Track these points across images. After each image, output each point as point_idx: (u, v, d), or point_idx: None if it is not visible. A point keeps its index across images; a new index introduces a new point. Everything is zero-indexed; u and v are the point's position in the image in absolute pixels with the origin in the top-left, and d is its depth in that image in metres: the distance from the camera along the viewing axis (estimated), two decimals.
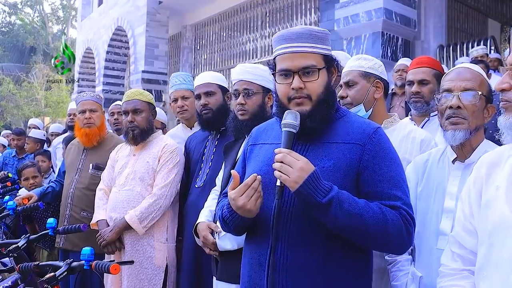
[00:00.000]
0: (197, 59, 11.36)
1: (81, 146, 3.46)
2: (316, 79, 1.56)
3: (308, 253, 1.50)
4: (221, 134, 2.81)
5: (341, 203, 1.42)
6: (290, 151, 1.47)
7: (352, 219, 1.42)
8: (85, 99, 3.43)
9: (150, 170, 2.86)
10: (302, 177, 1.41)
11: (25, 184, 4.04)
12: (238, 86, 2.39)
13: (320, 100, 1.57)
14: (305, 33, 1.57)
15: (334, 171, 1.52)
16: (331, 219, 1.43)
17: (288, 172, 1.42)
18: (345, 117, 1.65)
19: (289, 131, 1.52)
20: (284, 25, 8.80)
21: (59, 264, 2.07)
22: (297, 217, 1.52)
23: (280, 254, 1.52)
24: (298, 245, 1.51)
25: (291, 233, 1.52)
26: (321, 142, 1.58)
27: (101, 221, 2.89)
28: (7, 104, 21.15)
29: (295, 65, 1.56)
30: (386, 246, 1.54)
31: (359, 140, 1.55)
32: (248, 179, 1.51)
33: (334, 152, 1.54)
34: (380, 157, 1.54)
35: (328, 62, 1.61)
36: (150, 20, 10.13)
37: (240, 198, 1.50)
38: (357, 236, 1.47)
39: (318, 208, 1.43)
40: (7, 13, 29.28)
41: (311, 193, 1.42)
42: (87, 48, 13.94)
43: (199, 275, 2.68)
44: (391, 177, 1.53)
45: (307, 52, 1.56)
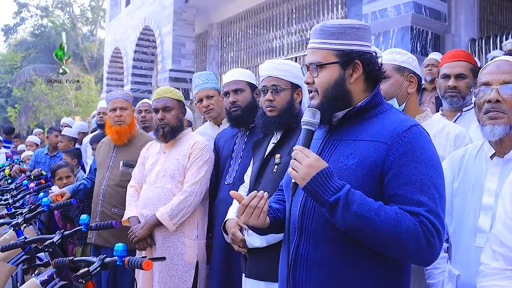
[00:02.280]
0: (224, 57, 11.39)
1: (112, 143, 3.51)
2: (317, 76, 1.57)
3: (328, 249, 1.49)
4: (250, 131, 2.80)
5: (349, 204, 1.39)
6: (303, 148, 1.48)
7: (360, 221, 1.38)
8: (116, 97, 3.47)
9: (180, 167, 2.88)
10: (310, 174, 1.42)
11: (59, 184, 4.13)
12: (266, 83, 2.38)
13: (327, 96, 1.56)
14: (318, 29, 1.59)
15: (356, 170, 1.48)
16: (338, 218, 1.41)
17: (297, 168, 1.44)
18: (385, 113, 1.59)
19: (307, 128, 1.54)
20: (310, 21, 8.73)
21: (92, 260, 2.10)
22: (320, 214, 1.51)
23: (302, 250, 1.53)
24: (319, 241, 1.51)
25: (312, 229, 1.52)
26: (351, 139, 1.55)
27: (133, 217, 2.92)
28: (40, 104, 21.68)
29: (307, 60, 1.62)
30: (401, 255, 1.45)
31: (387, 138, 1.48)
32: (245, 199, 1.55)
33: (360, 150, 1.50)
34: (408, 158, 1.45)
35: (343, 58, 1.57)
36: (176, 19, 10.20)
37: (241, 217, 1.57)
38: (367, 239, 1.42)
39: (325, 206, 1.42)
40: (39, 16, 30.04)
41: (318, 190, 1.41)
42: (115, 48, 14.15)
43: (229, 272, 2.68)
44: (418, 181, 1.43)
45: (315, 48, 1.59)
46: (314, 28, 1.62)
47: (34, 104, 22.07)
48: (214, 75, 3.30)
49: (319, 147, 1.61)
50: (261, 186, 2.29)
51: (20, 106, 24.13)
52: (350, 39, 1.57)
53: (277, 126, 2.35)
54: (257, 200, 1.54)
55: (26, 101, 23.34)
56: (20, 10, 29.94)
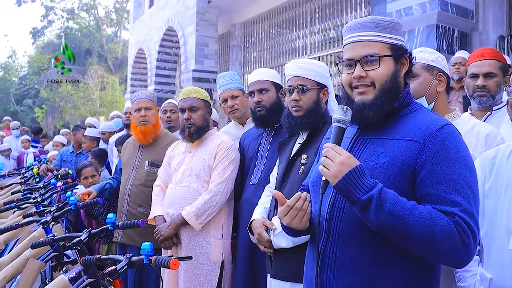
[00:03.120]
0: (247, 57, 11.39)
1: (137, 143, 3.54)
2: (377, 67, 1.52)
3: (357, 249, 1.47)
4: (275, 131, 2.80)
5: (382, 202, 1.36)
6: (335, 146, 1.46)
7: (393, 220, 1.36)
8: (140, 98, 3.50)
9: (206, 167, 2.89)
10: (342, 172, 1.39)
11: (84, 183, 4.19)
12: (292, 82, 2.36)
13: (384, 89, 1.52)
14: (369, 22, 1.55)
15: (387, 169, 1.46)
16: (370, 217, 1.38)
17: (329, 166, 1.42)
18: (415, 113, 1.56)
19: (338, 126, 1.51)
20: (334, 20, 8.66)
21: (119, 258, 2.13)
22: (349, 214, 1.49)
23: (330, 250, 1.51)
24: (347, 241, 1.49)
25: (341, 228, 1.50)
26: (382, 138, 1.53)
27: (158, 216, 2.95)
28: (66, 105, 22.09)
29: (357, 54, 1.55)
30: (435, 256, 1.41)
31: (419, 137, 1.46)
32: (290, 200, 1.53)
33: (392, 149, 1.48)
34: (442, 157, 1.42)
35: (396, 52, 1.55)
36: (199, 19, 10.24)
37: (284, 218, 1.55)
38: (400, 239, 1.40)
39: (357, 205, 1.40)
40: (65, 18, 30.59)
41: (351, 188, 1.39)
42: (139, 49, 14.30)
43: (254, 272, 2.68)
44: (452, 180, 1.40)
45: (369, 40, 1.54)
46: (359, 22, 1.57)
47: (60, 104, 22.49)
48: (239, 75, 3.30)
49: (348, 145, 1.60)
50: (287, 187, 2.28)
51: (47, 107, 24.61)
52: (398, 34, 1.57)
53: (303, 126, 2.34)
54: (301, 202, 1.53)
55: (52, 102, 23.79)
56: (47, 13, 30.51)
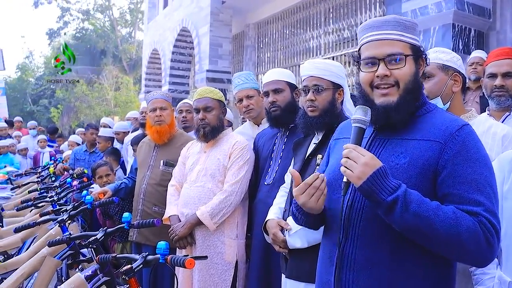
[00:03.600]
0: (260, 57, 11.39)
1: (152, 143, 3.55)
2: (403, 66, 1.50)
3: (377, 251, 1.46)
4: (290, 131, 2.79)
5: (408, 203, 1.35)
6: (356, 146, 1.44)
7: (419, 221, 1.35)
8: (156, 98, 3.51)
9: (221, 167, 2.89)
10: (366, 173, 1.38)
11: (99, 182, 4.23)
12: (307, 82, 2.36)
13: (408, 89, 1.51)
14: (392, 20, 1.54)
15: (409, 169, 1.44)
16: (396, 219, 1.37)
17: (352, 167, 1.40)
18: (431, 113, 1.56)
19: (358, 126, 1.49)
20: (348, 20, 8.62)
21: (135, 257, 2.14)
22: (368, 214, 1.48)
23: (349, 251, 1.49)
24: (367, 242, 1.47)
25: (360, 229, 1.48)
26: (400, 138, 1.52)
27: (173, 216, 2.96)
28: (81, 105, 22.33)
29: (381, 52, 1.52)
30: (460, 255, 1.40)
31: (440, 137, 1.46)
32: (309, 178, 1.51)
33: (412, 149, 1.47)
34: (463, 157, 1.42)
35: (416, 53, 1.54)
36: (213, 20, 10.26)
37: (301, 196, 1.51)
38: (424, 240, 1.39)
39: (382, 206, 1.38)
40: (81, 19, 30.90)
41: (375, 190, 1.37)
42: (153, 50, 14.38)
43: (268, 272, 2.68)
44: (474, 180, 1.40)
45: (393, 39, 1.52)
46: (381, 20, 1.55)
47: (75, 104, 22.73)
48: (254, 75, 3.29)
49: (365, 146, 1.58)
50: None
51: (62, 107, 24.91)
52: (416, 35, 1.57)
53: (319, 127, 2.33)
54: (319, 181, 1.50)
55: (68, 102, 24.06)
56: (63, 14, 30.87)
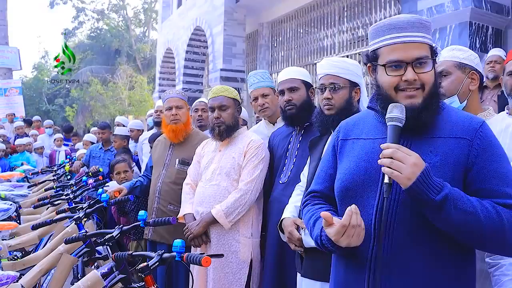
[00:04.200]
0: (274, 56, 11.38)
1: (168, 141, 3.56)
2: (430, 70, 1.49)
3: (413, 253, 1.43)
4: (305, 130, 2.78)
5: (456, 201, 1.35)
6: (400, 146, 1.40)
7: (467, 217, 1.35)
8: (171, 96, 3.52)
9: (236, 166, 2.89)
10: (415, 173, 1.34)
11: (117, 178, 4.25)
12: (324, 81, 2.35)
13: (432, 92, 1.50)
14: (416, 22, 1.50)
15: (442, 167, 1.43)
16: (444, 217, 1.36)
17: (400, 168, 1.35)
18: (445, 111, 1.55)
19: (395, 125, 1.45)
20: (362, 19, 8.56)
21: (151, 255, 2.14)
22: (403, 216, 1.45)
23: (384, 254, 1.45)
24: (402, 244, 1.44)
25: (395, 232, 1.45)
26: (425, 137, 1.50)
27: (188, 214, 2.97)
28: (95, 104, 22.50)
29: (409, 55, 1.48)
30: (501, 248, 1.41)
31: (465, 134, 1.46)
32: (344, 219, 1.41)
33: (440, 147, 1.46)
34: (489, 153, 1.44)
35: (435, 53, 1.54)
36: (227, 19, 10.28)
37: (342, 239, 1.43)
38: (471, 236, 1.38)
39: (430, 206, 1.36)
40: (95, 19, 31.18)
41: (424, 190, 1.35)
42: (167, 49, 14.44)
43: (283, 270, 2.68)
44: (502, 174, 1.42)
45: (420, 42, 1.49)
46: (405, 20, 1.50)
47: (90, 103, 22.92)
48: (269, 73, 3.28)
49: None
50: None
51: (77, 106, 25.14)
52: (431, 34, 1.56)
53: (335, 125, 2.30)
54: (355, 217, 1.41)
55: (83, 101, 24.27)
56: (78, 14, 31.15)
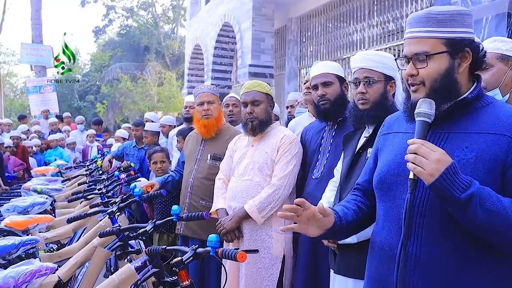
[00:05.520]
0: (303, 52, 11.31)
1: (200, 137, 3.56)
2: (425, 66, 1.47)
3: (442, 249, 1.41)
4: (338, 125, 2.75)
5: (483, 200, 1.30)
6: (425, 142, 1.37)
7: (494, 219, 1.30)
8: (203, 91, 3.52)
9: (268, 161, 2.87)
10: (439, 170, 1.31)
11: (153, 168, 4.29)
12: (358, 75, 2.31)
13: (434, 87, 1.47)
14: (422, 17, 1.50)
15: (476, 164, 1.39)
16: (469, 216, 1.32)
17: (422, 164, 1.33)
18: (491, 106, 1.50)
19: (423, 120, 1.44)
20: (393, 12, 8.40)
21: (185, 250, 2.14)
22: (432, 211, 1.43)
23: (412, 249, 1.44)
24: (431, 240, 1.42)
25: (424, 227, 1.43)
26: (462, 132, 1.46)
27: (221, 209, 2.97)
28: (125, 100, 22.85)
29: (409, 51, 1.51)
30: None
31: (506, 131, 1.40)
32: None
33: (477, 143, 1.41)
34: None
35: (454, 46, 1.48)
36: (255, 14, 10.26)
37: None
38: (498, 237, 1.34)
39: (455, 204, 1.33)
40: (125, 17, 31.64)
41: (448, 187, 1.31)
42: (195, 45, 14.53)
43: (316, 266, 2.66)
44: None
45: (421, 37, 1.49)
46: (415, 16, 1.53)
47: (120, 100, 23.28)
48: None
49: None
50: (352, 181, 2.23)
51: (107, 102, 25.57)
52: (459, 26, 1.48)
53: (370, 120, 2.28)
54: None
55: (113, 98, 24.68)
56: (108, 12, 31.67)
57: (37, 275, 2.38)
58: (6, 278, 2.27)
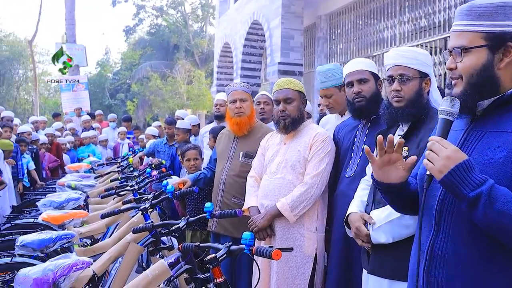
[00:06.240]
0: (332, 49, 11.19)
1: (232, 134, 3.57)
2: (460, 61, 1.46)
3: (468, 248, 1.40)
4: (372, 123, 2.71)
5: (493, 200, 1.28)
6: (441, 139, 1.40)
7: (504, 219, 1.27)
8: (236, 89, 3.52)
9: (301, 159, 2.86)
10: (447, 166, 1.33)
11: (187, 165, 4.32)
12: (392, 72, 2.27)
13: (471, 82, 1.45)
14: (464, 10, 1.48)
15: (504, 164, 1.35)
16: (478, 215, 1.31)
17: (434, 160, 1.37)
18: None
19: (444, 118, 1.45)
20: (425, 8, 8.23)
21: (218, 247, 2.15)
22: (458, 209, 1.42)
23: (440, 246, 1.45)
24: (458, 239, 1.42)
25: (452, 225, 1.43)
26: (498, 131, 1.42)
27: (253, 207, 2.97)
28: (155, 98, 23.10)
29: (450, 44, 1.53)
30: None
31: None
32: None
33: (509, 143, 1.37)
34: None
35: (493, 40, 1.43)
36: (285, 12, 10.22)
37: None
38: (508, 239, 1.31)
39: (464, 201, 1.33)
40: (155, 16, 32.04)
41: (457, 184, 1.32)
42: (225, 43, 14.58)
43: (348, 266, 2.63)
44: None
45: (461, 31, 1.48)
46: (459, 8, 1.51)
47: (150, 98, 23.57)
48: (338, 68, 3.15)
49: (460, 138, 1.51)
50: None
51: (137, 100, 25.93)
52: (502, 19, 1.43)
53: (405, 118, 2.23)
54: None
55: (143, 96, 25.00)
56: (138, 11, 32.12)
57: (74, 268, 2.44)
58: (46, 271, 2.34)
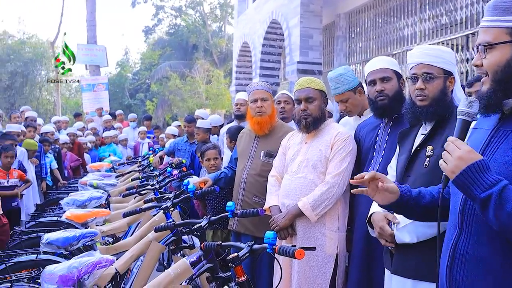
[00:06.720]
0: (352, 48, 11.13)
1: (253, 134, 3.57)
2: (484, 57, 1.45)
3: (488, 247, 1.39)
4: (394, 121, 2.68)
5: (504, 201, 1.27)
6: (456, 139, 1.41)
7: None
8: (257, 89, 3.52)
9: (322, 158, 2.85)
10: (459, 167, 1.34)
11: (206, 165, 4.34)
12: (416, 70, 2.23)
13: (496, 79, 1.43)
14: (491, 5, 1.46)
15: None
16: (489, 216, 1.30)
17: (447, 160, 1.39)
18: None
19: (462, 119, 1.46)
20: (446, 5, 8.11)
21: (240, 246, 2.15)
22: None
23: (462, 246, 1.46)
24: (480, 239, 1.42)
25: (474, 225, 1.43)
26: None
27: (274, 206, 2.97)
28: (174, 98, 23.25)
29: (477, 41, 1.50)
30: None
31: None
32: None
33: None
34: None
35: None
36: (304, 11, 10.19)
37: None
38: None
39: (476, 202, 1.33)
40: (173, 16, 32.25)
41: (468, 184, 1.33)
42: (243, 43, 14.60)
43: (370, 266, 2.62)
44: None
45: (487, 26, 1.46)
46: (487, 4, 1.49)
47: (169, 98, 23.72)
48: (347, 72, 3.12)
49: (487, 137, 1.49)
50: (410, 179, 2.17)
51: (157, 100, 26.13)
52: None
53: (428, 117, 2.20)
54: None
55: (162, 95, 25.17)
56: (157, 12, 32.36)
57: (97, 266, 2.48)
58: (70, 268, 2.38)
